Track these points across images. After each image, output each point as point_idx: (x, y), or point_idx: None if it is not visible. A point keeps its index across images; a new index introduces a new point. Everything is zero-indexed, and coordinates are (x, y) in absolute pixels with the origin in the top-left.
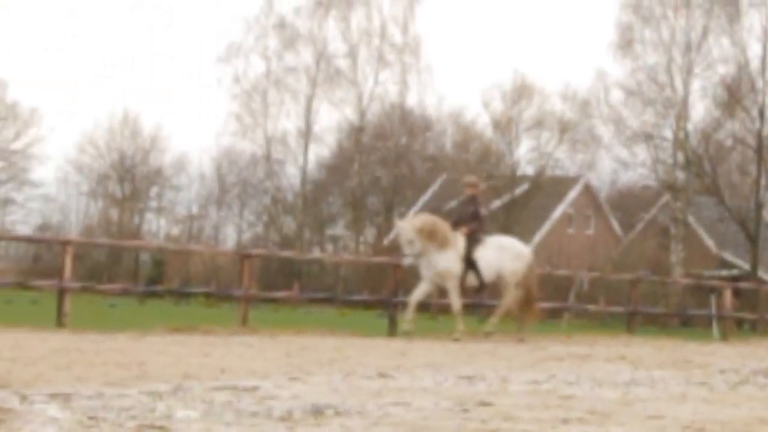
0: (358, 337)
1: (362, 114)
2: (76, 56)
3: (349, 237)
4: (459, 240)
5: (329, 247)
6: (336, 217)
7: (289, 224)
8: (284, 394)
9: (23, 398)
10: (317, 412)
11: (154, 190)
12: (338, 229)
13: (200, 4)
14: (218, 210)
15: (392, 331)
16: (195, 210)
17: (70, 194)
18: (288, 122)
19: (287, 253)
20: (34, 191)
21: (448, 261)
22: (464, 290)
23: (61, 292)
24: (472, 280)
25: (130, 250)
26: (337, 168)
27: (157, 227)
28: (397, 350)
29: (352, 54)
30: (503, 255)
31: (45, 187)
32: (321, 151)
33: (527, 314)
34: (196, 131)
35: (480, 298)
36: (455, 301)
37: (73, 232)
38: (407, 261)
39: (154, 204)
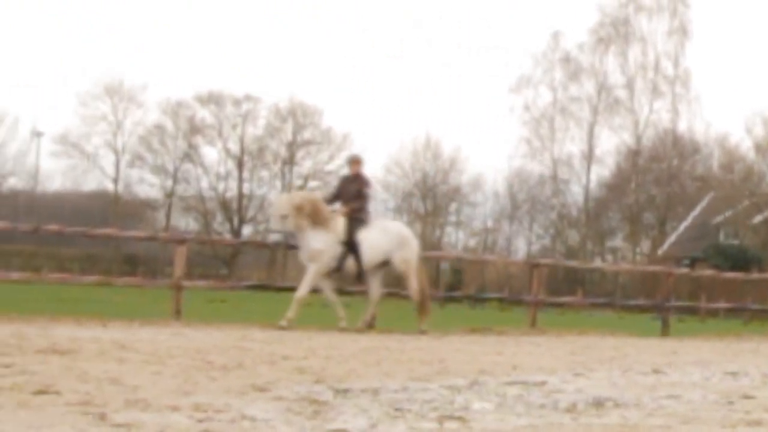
0: (635, 337)
1: (638, 138)
2: (383, 86)
3: (627, 248)
4: (339, 221)
5: (609, 258)
6: (615, 231)
7: (573, 237)
8: (569, 388)
9: (336, 392)
10: (598, 404)
11: (453, 206)
12: (617, 241)
13: (493, 42)
14: (510, 224)
15: (665, 331)
16: (489, 224)
17: (378, 210)
18: (572, 146)
19: (572, 263)
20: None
21: (321, 242)
22: (344, 277)
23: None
24: (351, 265)
25: (431, 259)
26: (616, 187)
27: (456, 239)
28: (669, 349)
29: (630, 85)
30: (390, 240)
31: None
32: (602, 171)
33: (422, 307)
34: (490, 154)
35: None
36: (305, 286)
37: None
38: (274, 238)
39: (453, 218)
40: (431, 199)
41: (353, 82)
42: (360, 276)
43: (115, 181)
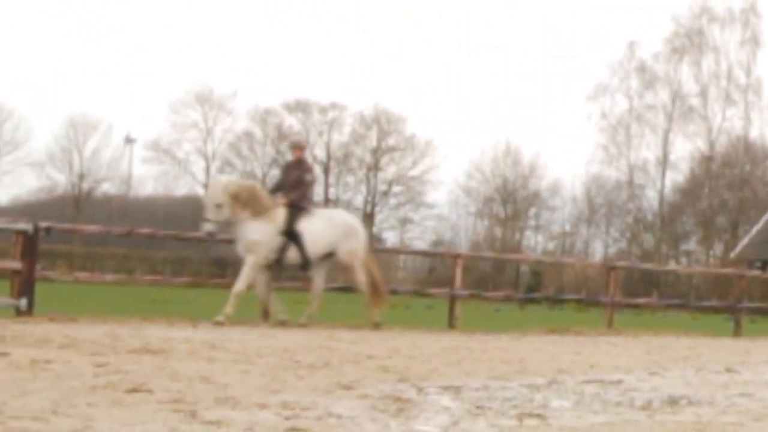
0: (708, 337)
1: (711, 145)
2: (465, 94)
3: (700, 251)
4: (279, 211)
5: (683, 260)
6: (689, 234)
7: (648, 240)
8: (644, 386)
9: (419, 390)
10: (673, 402)
11: (532, 211)
12: (691, 245)
13: (571, 52)
14: (588, 228)
15: (738, 332)
16: (568, 228)
17: (459, 214)
18: (648, 152)
19: (647, 265)
20: (429, 212)
21: (258, 232)
22: (286, 268)
23: (452, 299)
24: (294, 256)
25: (511, 262)
26: (690, 192)
27: (535, 243)
28: (742, 349)
29: (703, 93)
30: (335, 230)
31: (438, 208)
32: (676, 177)
33: (375, 298)
34: (568, 160)
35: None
36: (243, 279)
37: (463, 247)
38: (207, 228)
39: (532, 223)
40: (511, 203)
41: (436, 90)
42: (305, 267)
43: (206, 186)
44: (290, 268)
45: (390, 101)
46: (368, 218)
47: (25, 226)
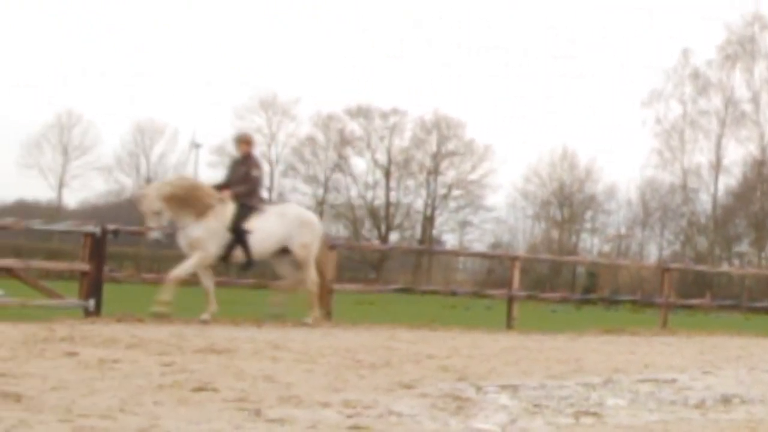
0: (761, 337)
1: (764, 150)
2: (522, 100)
3: (753, 253)
4: (226, 207)
5: (736, 262)
6: (741, 237)
7: (701, 243)
8: (698, 385)
9: (478, 389)
10: (726, 400)
11: (588, 214)
12: (743, 247)
13: (626, 59)
14: (642, 230)
15: None
16: (623, 230)
17: (517, 217)
18: (701, 157)
19: (701, 267)
20: (487, 215)
21: (203, 229)
22: (232, 266)
23: (511, 300)
24: (239, 254)
25: (568, 264)
26: (743, 195)
27: (591, 245)
28: None
29: (755, 99)
30: (288, 225)
31: (497, 211)
32: (729, 181)
33: (319, 297)
34: (623, 164)
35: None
36: (182, 269)
37: (520, 249)
38: (154, 236)
39: (588, 225)
40: (568, 207)
41: (495, 95)
42: (248, 266)
43: (270, 190)
44: (234, 266)
45: (449, 106)
46: (428, 221)
47: (93, 228)
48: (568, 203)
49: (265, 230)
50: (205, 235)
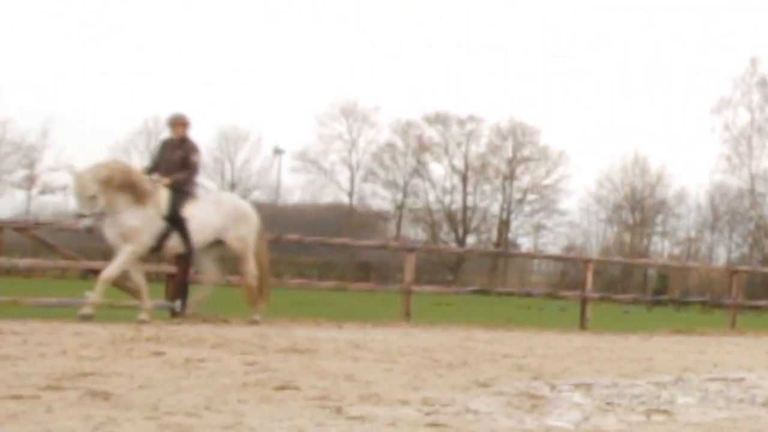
0: None
1: None
2: (595, 107)
3: None
4: (161, 194)
5: None
6: None
7: None
8: (765, 384)
9: (552, 387)
10: None
11: (659, 218)
12: None
13: (696, 68)
14: (711, 234)
15: None
16: (693, 234)
17: (590, 221)
18: None
19: None
20: (561, 219)
21: (138, 218)
22: (168, 258)
23: (584, 301)
24: (176, 245)
25: (639, 266)
26: None
27: (662, 248)
28: None
29: None
30: (223, 215)
31: (570, 215)
32: None
33: (260, 293)
34: (693, 169)
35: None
36: (115, 266)
37: (593, 252)
38: (84, 224)
39: (659, 229)
40: (639, 211)
41: (569, 103)
42: (188, 257)
43: (350, 194)
44: (173, 257)
45: (524, 113)
46: (504, 225)
47: None
48: (639, 207)
49: (199, 219)
50: (140, 225)
